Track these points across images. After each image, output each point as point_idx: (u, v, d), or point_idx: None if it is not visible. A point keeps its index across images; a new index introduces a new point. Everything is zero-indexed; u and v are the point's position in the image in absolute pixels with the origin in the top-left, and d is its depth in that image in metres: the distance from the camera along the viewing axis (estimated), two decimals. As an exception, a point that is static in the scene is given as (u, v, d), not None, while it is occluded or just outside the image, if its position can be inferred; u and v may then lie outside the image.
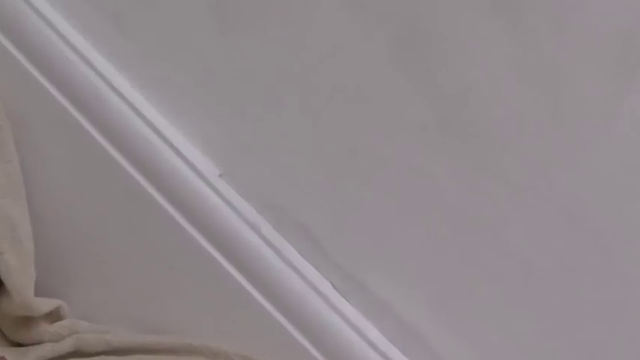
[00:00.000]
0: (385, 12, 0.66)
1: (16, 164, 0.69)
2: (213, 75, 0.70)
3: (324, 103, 0.69)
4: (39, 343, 0.70)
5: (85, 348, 0.70)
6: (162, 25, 0.71)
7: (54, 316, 0.71)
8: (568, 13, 0.62)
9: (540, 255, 0.66)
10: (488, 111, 0.65)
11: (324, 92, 0.68)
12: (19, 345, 0.71)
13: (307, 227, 0.70)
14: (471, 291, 0.68)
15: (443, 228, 0.68)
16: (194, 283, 0.71)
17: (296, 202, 0.70)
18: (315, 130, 0.69)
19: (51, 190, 0.72)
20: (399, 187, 0.68)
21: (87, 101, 0.70)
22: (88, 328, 0.71)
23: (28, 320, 0.70)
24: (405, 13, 0.65)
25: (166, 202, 0.70)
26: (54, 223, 0.73)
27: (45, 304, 0.70)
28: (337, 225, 0.70)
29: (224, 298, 0.70)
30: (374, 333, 0.69)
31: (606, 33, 0.61)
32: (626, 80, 0.62)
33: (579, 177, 0.64)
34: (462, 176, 0.67)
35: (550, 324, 0.67)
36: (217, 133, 0.71)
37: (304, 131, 0.70)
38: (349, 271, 0.70)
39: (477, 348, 0.68)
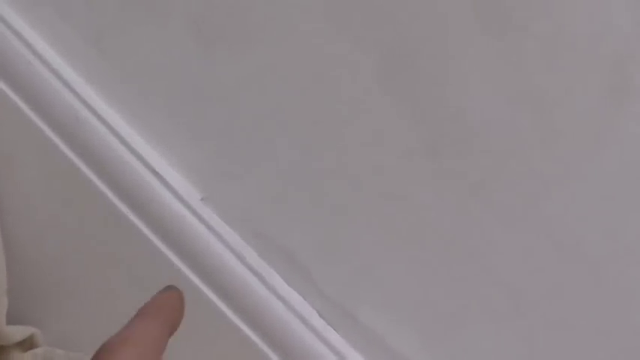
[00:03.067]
0: (372, 35, 0.64)
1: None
2: (195, 97, 0.69)
3: (309, 127, 0.67)
4: (11, 373, 0.68)
5: (60, 377, 0.68)
6: (141, 47, 0.69)
7: (27, 344, 0.69)
8: (557, 38, 0.61)
9: (531, 284, 0.65)
10: (477, 137, 0.64)
11: (309, 116, 0.67)
12: (-9, 375, 0.69)
13: (293, 254, 0.68)
14: (460, 320, 0.67)
15: (432, 256, 0.66)
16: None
17: (281, 228, 0.68)
18: (301, 154, 0.68)
19: (25, 215, 0.70)
20: (386, 215, 0.67)
21: (65, 123, 0.68)
22: (63, 356, 0.69)
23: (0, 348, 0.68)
24: (393, 35, 0.64)
25: (146, 227, 0.68)
26: (28, 248, 0.70)
27: (18, 332, 0.68)
28: (324, 252, 0.68)
29: (207, 327, 0.68)
30: (361, 363, 0.68)
31: (595, 59, 0.61)
32: (614, 107, 0.61)
33: (569, 204, 0.63)
34: (450, 203, 0.65)
35: (542, 353, 0.66)
36: (199, 155, 0.69)
37: (289, 155, 0.68)
38: (336, 300, 0.68)
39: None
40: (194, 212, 0.68)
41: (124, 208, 0.68)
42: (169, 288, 0.45)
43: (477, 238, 0.65)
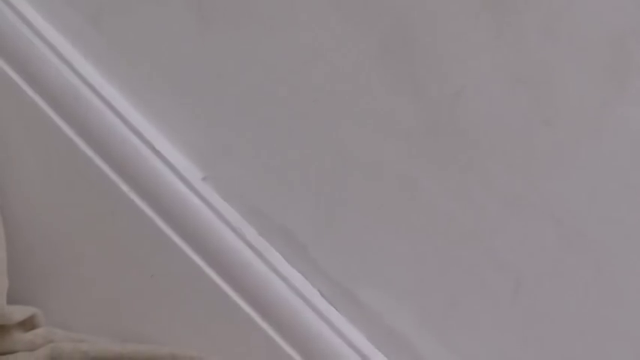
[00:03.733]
0: (373, 15, 0.64)
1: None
2: (196, 76, 0.69)
3: (309, 107, 0.67)
4: (12, 352, 0.68)
5: (61, 357, 0.67)
6: (142, 25, 0.69)
7: (28, 324, 0.69)
8: (557, 17, 0.61)
9: (529, 265, 0.65)
10: (477, 117, 0.64)
11: (309, 95, 0.67)
12: (-8, 355, 0.68)
13: (293, 233, 0.68)
14: (458, 300, 0.67)
15: (431, 236, 0.66)
16: (176, 290, 0.69)
17: (282, 207, 0.68)
18: (301, 133, 0.68)
19: (25, 194, 0.70)
20: (385, 193, 0.67)
21: (65, 102, 0.68)
22: (63, 337, 0.69)
23: (0, 329, 0.68)
24: (393, 16, 0.64)
25: (147, 206, 0.68)
26: (28, 227, 0.70)
27: (19, 312, 0.67)
28: (324, 231, 0.68)
29: (207, 306, 0.68)
30: (362, 341, 0.68)
31: (595, 39, 0.61)
32: (615, 87, 0.61)
33: (569, 185, 0.63)
34: (449, 183, 0.65)
35: (540, 335, 0.66)
36: (200, 135, 0.69)
37: (290, 134, 0.68)
38: (336, 278, 0.68)
39: (465, 358, 0.67)
40: (195, 191, 0.68)
41: (124, 186, 0.68)
42: None
43: (476, 218, 0.65)
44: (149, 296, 0.70)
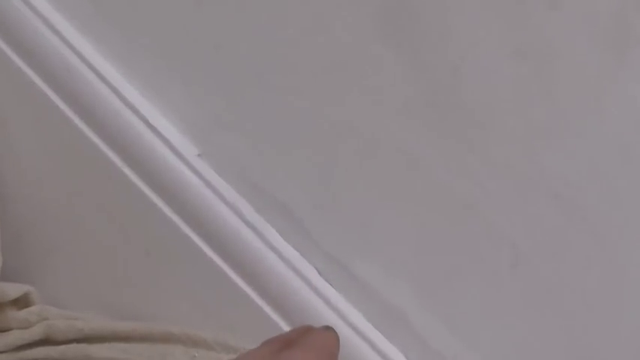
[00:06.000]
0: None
1: (-19, 142, 0.66)
2: (191, 51, 0.68)
3: (306, 79, 0.66)
4: (6, 330, 0.67)
5: (55, 335, 0.67)
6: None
7: (22, 302, 0.68)
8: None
9: (528, 239, 0.65)
10: (476, 90, 0.63)
11: (307, 68, 0.66)
12: (-15, 332, 0.68)
13: (289, 208, 0.68)
14: (456, 275, 0.66)
15: (428, 210, 0.66)
16: (171, 267, 0.68)
17: (278, 183, 0.68)
18: (298, 107, 0.67)
19: (18, 170, 0.69)
20: (383, 167, 0.66)
21: (58, 75, 0.67)
22: (58, 315, 0.68)
23: (-5, 306, 0.67)
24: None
25: (142, 182, 0.67)
26: (22, 204, 0.69)
27: (13, 290, 0.67)
28: (320, 206, 0.68)
29: (203, 283, 0.68)
30: (358, 317, 0.67)
31: (597, 10, 0.60)
32: (617, 59, 0.61)
33: (568, 158, 0.63)
34: (447, 157, 0.65)
35: (537, 309, 0.65)
36: (196, 110, 0.68)
37: (286, 109, 0.67)
38: (333, 254, 0.68)
39: (463, 334, 0.66)
40: (191, 167, 0.67)
41: (119, 162, 0.67)
42: (329, 329, 0.45)
43: (474, 192, 0.65)
44: (144, 273, 0.69)
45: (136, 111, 0.68)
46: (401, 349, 0.67)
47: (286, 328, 0.67)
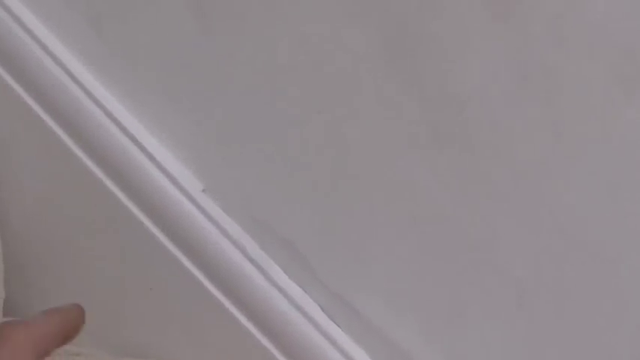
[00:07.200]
0: (378, 14, 0.63)
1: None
2: (197, 81, 0.67)
3: (312, 114, 0.66)
4: (7, 365, 0.66)
5: (57, 371, 0.66)
6: (141, 27, 0.68)
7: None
8: (568, 23, 0.60)
9: (534, 274, 0.64)
10: (482, 123, 0.63)
11: (312, 102, 0.65)
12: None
13: (294, 245, 0.67)
14: (462, 313, 0.66)
15: (434, 246, 0.65)
16: (174, 302, 0.68)
17: (283, 219, 0.67)
18: (303, 142, 0.67)
19: (22, 204, 0.69)
20: (388, 202, 0.66)
21: (64, 111, 0.66)
22: (59, 350, 0.68)
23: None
24: (397, 18, 0.63)
25: (146, 217, 0.67)
26: (24, 238, 0.69)
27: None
28: (325, 242, 0.67)
29: (206, 320, 0.67)
30: (363, 357, 0.67)
31: (606, 47, 0.60)
32: (625, 95, 0.60)
33: (576, 192, 0.62)
34: (454, 192, 0.64)
35: (544, 345, 0.65)
36: (201, 144, 0.68)
37: (291, 144, 0.67)
38: (337, 292, 0.67)
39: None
40: (195, 203, 0.67)
41: (122, 196, 0.67)
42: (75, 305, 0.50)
43: (480, 227, 0.64)
44: (148, 308, 0.69)
45: (139, 144, 0.67)
46: (405, 388, 0.67)
47: (289, 365, 0.66)
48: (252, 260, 0.67)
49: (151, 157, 0.67)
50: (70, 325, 0.48)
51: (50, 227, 0.69)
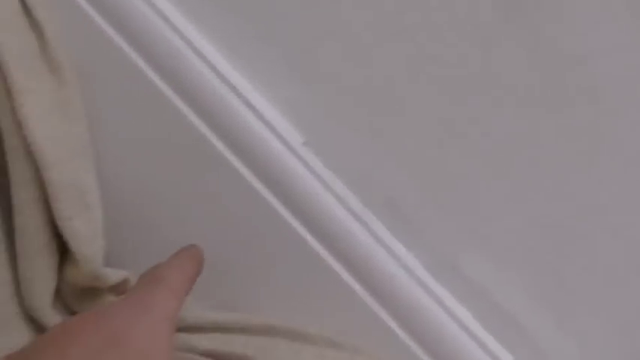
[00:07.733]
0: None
1: (84, 125, 0.64)
2: (298, 33, 0.64)
3: (417, 67, 0.62)
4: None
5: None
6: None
7: (121, 288, 0.67)
8: None
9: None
10: (603, 80, 0.59)
11: (418, 54, 0.62)
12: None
13: (398, 202, 0.65)
14: (573, 278, 0.64)
15: (547, 209, 0.63)
16: (273, 257, 0.66)
17: (386, 175, 0.65)
18: (408, 96, 0.63)
19: (121, 155, 0.67)
20: (497, 160, 0.63)
21: (162, 59, 0.64)
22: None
23: (94, 291, 0.66)
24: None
25: (247, 169, 0.65)
26: (123, 189, 0.67)
27: (113, 275, 0.65)
28: (430, 201, 0.65)
29: (307, 275, 0.66)
30: (467, 316, 0.65)
31: None
32: None
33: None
34: (570, 156, 0.61)
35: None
36: (301, 96, 0.65)
37: (397, 98, 0.64)
38: (442, 251, 0.65)
39: (579, 341, 0.64)
40: (297, 155, 0.64)
41: (220, 146, 0.65)
42: (193, 246, 0.58)
43: (596, 191, 0.62)
44: (245, 263, 0.67)
45: (239, 94, 0.65)
46: (509, 349, 0.65)
47: (390, 323, 0.65)
48: (355, 216, 0.64)
49: (251, 106, 0.65)
50: (200, 265, 0.57)
51: (147, 179, 0.68)
